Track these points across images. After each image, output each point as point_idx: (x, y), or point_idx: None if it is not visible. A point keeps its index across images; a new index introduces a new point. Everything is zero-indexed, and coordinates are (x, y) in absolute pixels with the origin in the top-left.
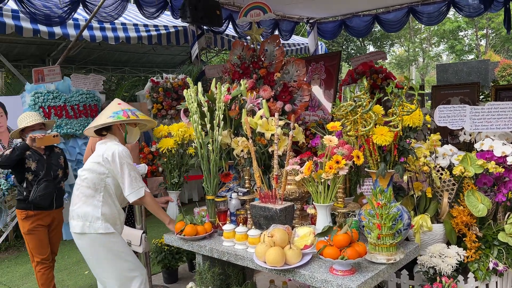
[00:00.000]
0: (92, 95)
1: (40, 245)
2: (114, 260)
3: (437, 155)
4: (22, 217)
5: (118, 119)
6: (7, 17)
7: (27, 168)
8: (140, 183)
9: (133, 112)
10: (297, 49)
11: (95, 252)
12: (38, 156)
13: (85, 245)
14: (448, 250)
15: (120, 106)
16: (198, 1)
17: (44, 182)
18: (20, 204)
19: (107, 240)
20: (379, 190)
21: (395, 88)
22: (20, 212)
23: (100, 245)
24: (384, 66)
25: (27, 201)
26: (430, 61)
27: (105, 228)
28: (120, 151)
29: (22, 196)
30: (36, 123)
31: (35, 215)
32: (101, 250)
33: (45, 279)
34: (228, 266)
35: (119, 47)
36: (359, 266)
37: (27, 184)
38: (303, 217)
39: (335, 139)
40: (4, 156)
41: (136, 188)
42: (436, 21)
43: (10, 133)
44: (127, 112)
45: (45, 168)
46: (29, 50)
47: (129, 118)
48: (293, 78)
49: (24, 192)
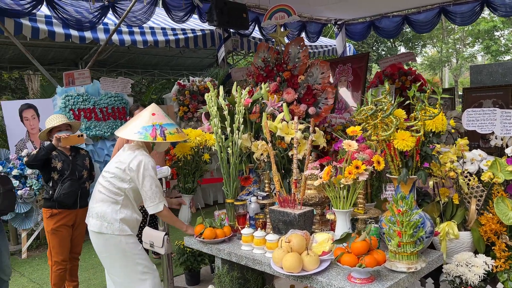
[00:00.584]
0: (120, 98)
1: (61, 245)
2: (126, 261)
3: (465, 160)
4: (47, 215)
5: (145, 139)
6: (40, 23)
7: (53, 167)
8: (161, 198)
9: (163, 130)
10: (324, 51)
11: (109, 251)
12: (64, 157)
13: (100, 244)
14: (475, 259)
15: (151, 119)
16: (225, 5)
17: (68, 181)
18: (46, 203)
19: (122, 242)
20: (400, 197)
21: (417, 92)
22: (46, 211)
23: (114, 245)
24: (414, 68)
25: (52, 199)
26: (464, 62)
27: (122, 230)
28: (146, 162)
29: (48, 195)
30: (62, 123)
31: (59, 214)
32: (115, 250)
33: (58, 280)
34: (247, 270)
35: (148, 51)
36: (378, 274)
37: (53, 183)
38: (323, 223)
39: (355, 143)
40: (32, 155)
41: (155, 202)
42: (469, 21)
43: (38, 135)
44: (156, 130)
45: (70, 168)
46: (63, 54)
47: (155, 140)
48: (317, 81)
49: (50, 191)
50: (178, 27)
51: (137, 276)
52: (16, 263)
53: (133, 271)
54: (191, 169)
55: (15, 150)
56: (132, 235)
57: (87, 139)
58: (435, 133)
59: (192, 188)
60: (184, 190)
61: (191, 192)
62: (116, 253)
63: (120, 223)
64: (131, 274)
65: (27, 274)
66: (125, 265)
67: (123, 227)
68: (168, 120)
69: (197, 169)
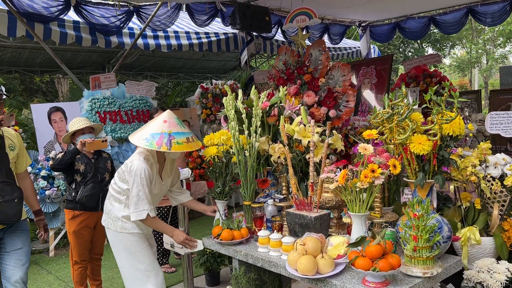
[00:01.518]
0: (145, 101)
1: (81, 247)
2: (129, 258)
3: (488, 164)
4: (69, 217)
5: (150, 147)
6: (68, 28)
7: (76, 170)
8: (145, 206)
9: (170, 139)
10: (348, 53)
11: (115, 246)
12: (87, 160)
13: (109, 238)
14: (497, 265)
15: (162, 127)
16: (248, 8)
17: (90, 184)
18: (68, 204)
19: (126, 239)
20: (416, 201)
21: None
22: (68, 212)
23: (119, 241)
24: (439, 69)
25: (74, 201)
26: (494, 63)
27: (123, 228)
28: (138, 168)
29: (70, 197)
30: (85, 126)
31: (81, 215)
32: (119, 246)
33: (80, 278)
34: (264, 272)
35: (173, 54)
36: (393, 279)
37: (75, 185)
38: (340, 226)
39: (370, 147)
40: (57, 159)
41: (139, 210)
42: (498, 21)
43: (62, 137)
44: (163, 139)
45: (92, 171)
46: (90, 58)
47: (159, 149)
48: (338, 84)
49: (72, 193)
50: (201, 30)
51: (140, 274)
52: (43, 261)
53: (136, 269)
54: (221, 172)
55: (43, 152)
56: (135, 234)
57: (112, 141)
58: (453, 136)
59: (224, 193)
60: (216, 195)
61: (224, 198)
62: (120, 249)
63: (121, 221)
64: (134, 271)
65: (54, 272)
66: (129, 261)
67: (124, 224)
68: (180, 129)
69: (227, 172)
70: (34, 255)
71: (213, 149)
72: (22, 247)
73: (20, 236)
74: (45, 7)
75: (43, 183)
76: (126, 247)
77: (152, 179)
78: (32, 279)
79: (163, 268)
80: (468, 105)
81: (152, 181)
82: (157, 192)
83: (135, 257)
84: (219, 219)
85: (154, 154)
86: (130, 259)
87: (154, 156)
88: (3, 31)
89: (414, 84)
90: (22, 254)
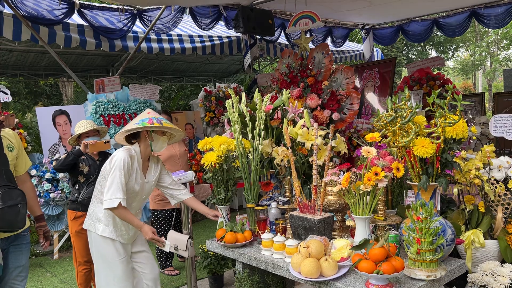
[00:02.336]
0: (148, 104)
1: (84, 247)
2: (102, 265)
3: (491, 167)
4: (71, 217)
5: (143, 126)
6: (73, 32)
7: (80, 171)
8: (119, 195)
9: (159, 120)
10: (351, 56)
11: (92, 249)
12: (91, 161)
13: (89, 240)
14: (501, 268)
15: (148, 115)
16: (251, 11)
17: (93, 185)
18: (71, 205)
19: (101, 244)
20: (419, 204)
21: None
22: (70, 213)
23: (95, 245)
24: (442, 72)
25: (76, 202)
26: (498, 66)
27: (103, 231)
28: (119, 157)
29: (73, 198)
30: (91, 129)
31: (82, 216)
32: (95, 250)
33: (84, 280)
34: (268, 275)
35: (177, 57)
36: (397, 282)
37: (79, 186)
38: (344, 229)
39: (374, 150)
40: (60, 160)
41: (112, 197)
42: (502, 24)
43: (68, 140)
44: (152, 119)
45: (96, 172)
46: (95, 62)
47: (153, 125)
48: (341, 86)
49: (75, 194)
50: (205, 34)
51: (110, 283)
52: (48, 263)
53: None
54: (222, 178)
55: (48, 155)
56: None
57: (116, 144)
58: (456, 139)
59: (226, 199)
60: (218, 200)
61: (225, 203)
62: (97, 255)
63: (101, 223)
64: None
65: (58, 274)
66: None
67: (104, 227)
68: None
69: (229, 178)
70: (38, 258)
71: (212, 156)
72: (25, 263)
73: (24, 252)
74: (49, 11)
75: (47, 186)
76: (102, 253)
77: (132, 172)
78: (36, 281)
79: (166, 270)
80: (472, 108)
81: (132, 174)
82: (138, 189)
83: (108, 265)
84: (223, 221)
85: (137, 151)
86: (103, 266)
87: (137, 152)
88: (8, 35)
89: (417, 87)
90: (23, 270)
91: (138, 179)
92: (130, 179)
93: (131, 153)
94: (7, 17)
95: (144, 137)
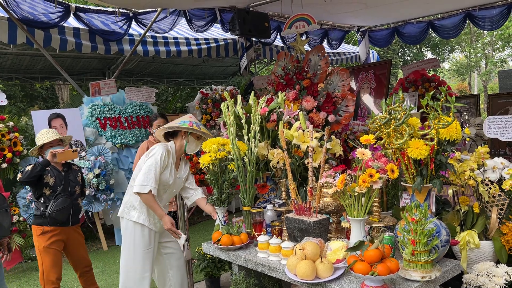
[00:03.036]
0: (145, 107)
1: (54, 264)
2: (128, 253)
3: (486, 168)
4: (38, 233)
5: (183, 126)
6: (68, 35)
7: (45, 183)
8: (151, 183)
9: (198, 125)
10: (347, 58)
11: (124, 237)
12: (57, 172)
13: (122, 228)
14: (496, 269)
15: (189, 118)
16: (247, 14)
17: (61, 197)
18: (36, 220)
19: (134, 231)
20: (414, 205)
21: (430, 100)
22: (36, 228)
23: (127, 233)
24: (439, 73)
25: (43, 216)
26: (494, 67)
27: (138, 218)
28: (158, 150)
29: (39, 212)
30: (54, 139)
31: (51, 231)
32: (127, 238)
33: None
34: (264, 277)
35: (173, 60)
36: (392, 283)
37: (44, 199)
38: (339, 231)
39: (368, 152)
40: (26, 172)
41: (144, 183)
42: (496, 26)
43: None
44: (193, 123)
45: (62, 184)
46: (91, 65)
47: (192, 128)
48: (337, 89)
49: (41, 207)
50: (201, 36)
51: (138, 271)
52: None
53: (136, 263)
54: (217, 179)
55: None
56: (146, 228)
57: (112, 147)
58: (450, 141)
59: (222, 200)
60: (212, 201)
61: (221, 205)
62: (127, 241)
63: (136, 211)
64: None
65: None
66: (132, 255)
67: (139, 215)
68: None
69: (224, 179)
70: (34, 262)
71: (206, 157)
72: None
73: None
74: (45, 14)
75: None
76: (133, 241)
77: (167, 166)
78: (32, 285)
79: None
80: (467, 109)
81: (167, 168)
82: (171, 182)
83: (136, 254)
84: (219, 224)
85: (173, 148)
86: (131, 256)
87: (172, 149)
88: (3, 38)
89: (413, 88)
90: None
91: (172, 173)
92: (165, 172)
93: (168, 148)
94: (2, 20)
95: (181, 137)
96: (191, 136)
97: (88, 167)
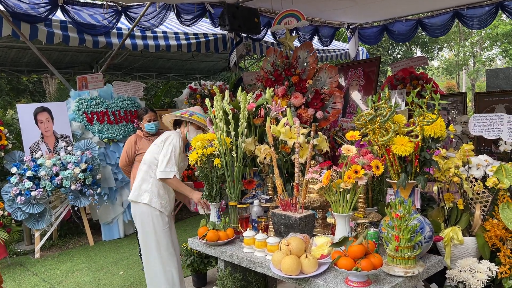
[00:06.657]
0: (132, 101)
1: None
2: (146, 236)
3: (470, 165)
4: None
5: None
6: (56, 28)
7: None
8: (174, 168)
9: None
10: (337, 55)
11: (142, 222)
12: None
13: (136, 213)
14: (478, 265)
15: (192, 109)
16: (237, 9)
17: None
18: None
19: (147, 214)
20: (398, 201)
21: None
22: None
23: (139, 216)
24: (427, 71)
25: None
26: (482, 66)
27: (149, 201)
28: (175, 137)
29: None
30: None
31: None
32: (139, 221)
33: None
34: (250, 272)
35: (162, 55)
36: (376, 278)
37: None
38: (325, 227)
39: (354, 148)
40: None
41: (168, 169)
42: (484, 25)
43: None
44: (195, 113)
45: None
46: (79, 58)
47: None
48: (325, 85)
49: None
50: (190, 31)
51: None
52: (29, 262)
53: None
54: (206, 175)
55: (29, 152)
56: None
57: (99, 142)
58: (434, 138)
59: (213, 196)
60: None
61: (213, 200)
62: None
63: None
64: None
65: (39, 274)
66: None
67: (151, 198)
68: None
69: (213, 175)
70: (19, 257)
71: (194, 154)
72: None
73: None
74: (32, 6)
75: (28, 184)
76: (148, 224)
77: (181, 152)
78: (17, 280)
79: None
80: (455, 107)
81: (180, 154)
82: (182, 166)
83: (155, 236)
84: (205, 219)
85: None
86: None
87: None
88: None
89: (401, 86)
90: None
91: (183, 157)
92: (180, 157)
93: (180, 135)
94: None
95: (183, 126)
96: (191, 125)
97: (74, 162)
